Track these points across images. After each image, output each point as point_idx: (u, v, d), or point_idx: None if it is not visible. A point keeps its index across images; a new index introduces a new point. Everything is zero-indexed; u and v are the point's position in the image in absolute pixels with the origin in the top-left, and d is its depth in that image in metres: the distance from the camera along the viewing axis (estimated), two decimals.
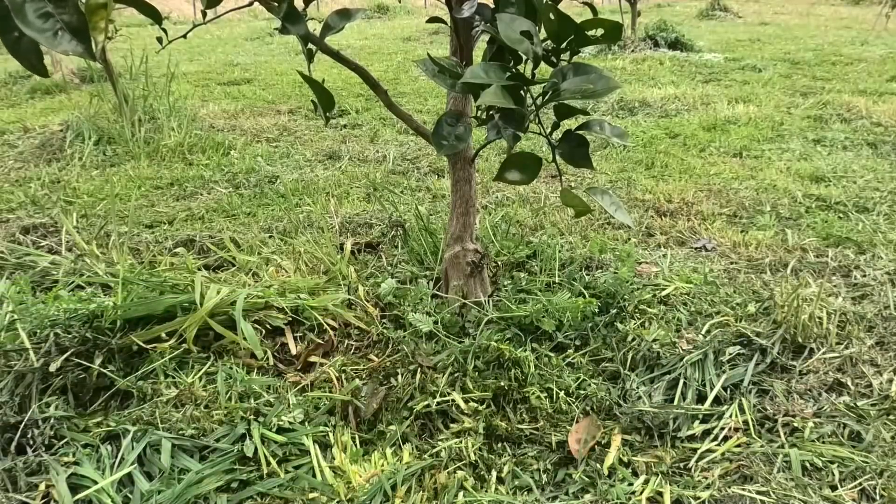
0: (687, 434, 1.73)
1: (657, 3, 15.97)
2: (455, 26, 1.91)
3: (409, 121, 2.09)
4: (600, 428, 1.75)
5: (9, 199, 3.48)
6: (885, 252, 2.68)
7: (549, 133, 1.72)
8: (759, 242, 2.83)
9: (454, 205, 2.17)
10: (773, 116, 5.02)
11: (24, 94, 6.50)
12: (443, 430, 1.75)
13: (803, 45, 8.85)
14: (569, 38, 1.60)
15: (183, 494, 1.50)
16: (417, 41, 10.40)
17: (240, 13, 14.51)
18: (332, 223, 3.04)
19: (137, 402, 1.81)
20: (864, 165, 3.86)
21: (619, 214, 1.80)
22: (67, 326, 1.93)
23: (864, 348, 2.02)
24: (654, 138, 4.54)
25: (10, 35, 1.29)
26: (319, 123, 5.16)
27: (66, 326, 1.93)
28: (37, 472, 1.59)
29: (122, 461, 1.58)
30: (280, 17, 1.69)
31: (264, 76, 7.39)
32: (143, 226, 3.16)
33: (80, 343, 1.90)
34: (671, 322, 2.12)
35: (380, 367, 1.96)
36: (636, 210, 3.29)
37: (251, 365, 1.97)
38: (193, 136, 4.46)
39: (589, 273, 2.44)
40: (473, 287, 2.20)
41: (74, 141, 4.32)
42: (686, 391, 1.84)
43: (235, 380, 1.85)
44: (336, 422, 1.77)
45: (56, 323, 1.93)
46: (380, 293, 2.28)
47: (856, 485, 1.55)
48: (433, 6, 16.42)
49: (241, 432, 1.67)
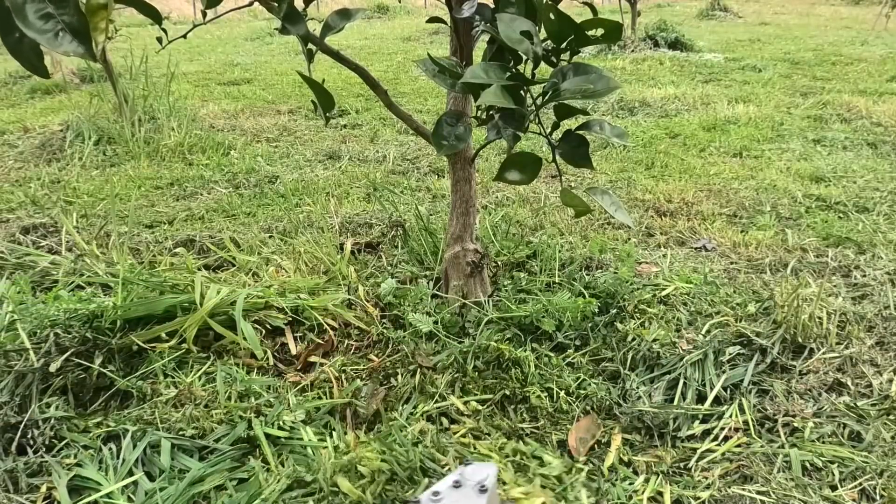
0: (687, 434, 1.73)
1: (657, 3, 15.98)
2: (455, 26, 1.91)
3: (409, 121, 2.09)
4: (600, 427, 1.75)
5: (9, 199, 3.48)
6: (885, 252, 2.68)
7: (549, 133, 1.72)
8: (759, 242, 2.84)
9: (454, 205, 2.17)
10: (773, 116, 5.02)
11: (24, 94, 6.50)
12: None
13: (803, 45, 8.85)
14: (569, 38, 1.60)
15: (186, 492, 1.50)
16: (417, 41, 10.40)
17: (240, 13, 14.52)
18: (332, 223, 3.04)
19: (137, 402, 1.81)
20: (864, 165, 3.86)
21: (619, 214, 1.80)
22: (67, 326, 1.93)
23: (864, 348, 2.02)
24: (654, 138, 4.54)
25: (11, 36, 1.30)
26: (319, 123, 5.16)
27: (66, 326, 1.93)
28: (38, 473, 1.59)
29: (124, 462, 1.58)
30: (280, 17, 1.69)
31: (264, 76, 7.39)
32: (143, 226, 3.16)
33: (80, 343, 1.90)
34: (671, 322, 2.12)
35: (379, 367, 1.96)
36: (636, 210, 3.29)
37: (251, 365, 1.97)
38: (193, 136, 4.46)
39: (589, 273, 2.44)
40: (473, 287, 2.20)
41: (74, 141, 4.33)
42: (686, 391, 1.84)
43: (235, 380, 1.85)
44: (335, 423, 1.77)
45: (56, 323, 1.93)
46: (380, 293, 2.28)
47: (856, 485, 1.55)
48: (433, 6, 16.42)
49: (241, 434, 1.67)
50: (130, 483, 1.55)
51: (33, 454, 1.63)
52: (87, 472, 1.56)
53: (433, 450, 1.58)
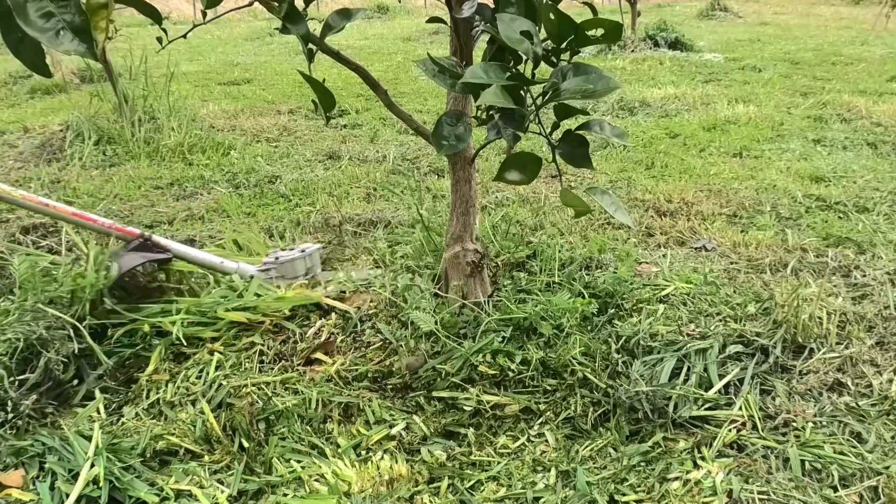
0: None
1: (657, 3, 15.97)
2: (455, 26, 1.91)
3: (409, 121, 2.09)
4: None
5: None
6: (885, 252, 2.68)
7: (549, 133, 1.72)
8: (759, 242, 2.84)
9: (454, 205, 2.17)
10: (773, 116, 5.02)
11: (24, 94, 6.50)
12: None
13: (803, 45, 8.85)
14: (569, 38, 1.60)
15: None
16: (417, 41, 10.40)
17: (240, 13, 14.51)
18: (331, 223, 3.04)
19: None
20: (864, 165, 3.86)
21: (619, 214, 1.80)
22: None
23: (864, 348, 2.02)
24: (654, 138, 4.54)
25: (12, 35, 1.30)
26: (319, 123, 5.16)
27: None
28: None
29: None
30: (280, 16, 1.69)
31: (264, 76, 7.39)
32: (143, 226, 3.16)
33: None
34: (671, 321, 2.12)
35: (380, 366, 1.96)
36: (636, 210, 3.29)
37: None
38: (193, 136, 4.45)
39: (589, 273, 2.44)
40: (473, 287, 2.20)
41: (74, 141, 4.32)
42: (687, 391, 1.84)
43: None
44: (334, 425, 1.77)
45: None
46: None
47: (856, 485, 1.55)
48: (433, 6, 16.41)
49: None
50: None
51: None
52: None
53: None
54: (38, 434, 1.67)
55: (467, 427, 1.79)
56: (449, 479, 1.62)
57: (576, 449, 1.72)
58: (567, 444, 1.74)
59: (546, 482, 1.61)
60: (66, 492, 1.48)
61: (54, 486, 1.51)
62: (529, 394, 1.86)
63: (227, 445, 1.67)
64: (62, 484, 1.50)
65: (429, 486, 1.61)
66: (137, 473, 1.57)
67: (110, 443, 1.61)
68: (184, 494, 1.54)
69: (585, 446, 1.72)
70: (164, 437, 1.68)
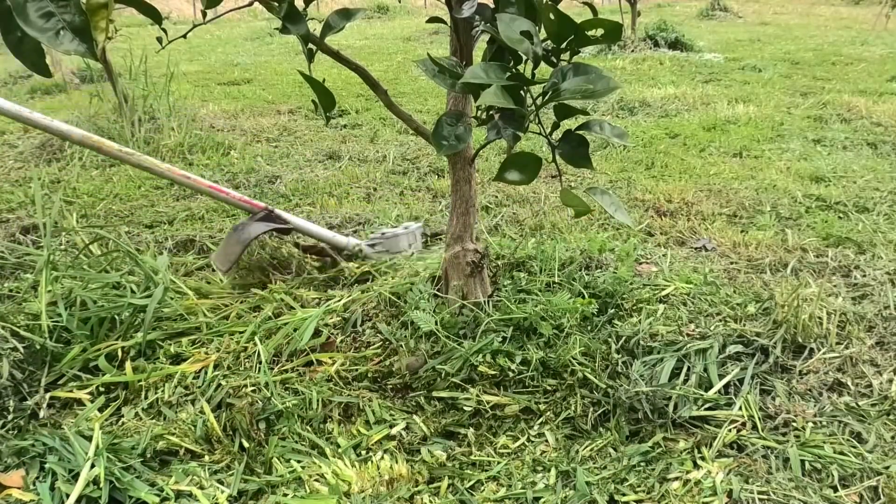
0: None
1: (657, 3, 15.96)
2: (455, 26, 1.91)
3: (409, 121, 2.09)
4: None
5: (9, 199, 3.48)
6: (885, 252, 2.68)
7: (549, 133, 1.72)
8: (759, 242, 2.83)
9: (454, 205, 2.17)
10: (773, 116, 5.02)
11: (24, 94, 6.50)
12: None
13: (803, 45, 8.85)
14: (569, 38, 1.59)
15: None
16: (417, 41, 10.40)
17: (240, 13, 14.51)
18: (332, 223, 3.04)
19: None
20: (864, 165, 3.86)
21: (619, 214, 1.80)
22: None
23: (864, 348, 2.02)
24: (654, 138, 4.54)
25: (12, 35, 1.30)
26: (319, 123, 5.16)
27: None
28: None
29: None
30: (280, 16, 1.69)
31: (264, 76, 7.39)
32: (143, 226, 3.16)
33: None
34: (671, 321, 2.12)
35: (380, 366, 1.96)
36: (636, 210, 3.29)
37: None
38: (193, 136, 4.45)
39: (588, 273, 2.44)
40: (473, 287, 2.20)
41: None
42: (687, 392, 1.84)
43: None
44: (334, 425, 1.77)
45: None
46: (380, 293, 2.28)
47: (856, 485, 1.55)
48: (433, 6, 16.41)
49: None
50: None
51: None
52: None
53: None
54: (38, 434, 1.67)
55: (467, 427, 1.79)
56: (449, 479, 1.63)
57: (576, 449, 1.72)
58: (567, 444, 1.74)
59: (546, 482, 1.61)
60: (67, 492, 1.48)
61: (54, 486, 1.51)
62: (529, 394, 1.86)
63: (227, 445, 1.68)
64: (62, 484, 1.50)
65: (429, 486, 1.61)
66: (138, 474, 1.57)
67: (111, 443, 1.61)
68: (184, 494, 1.54)
69: (585, 446, 1.72)
70: (165, 437, 1.68)
